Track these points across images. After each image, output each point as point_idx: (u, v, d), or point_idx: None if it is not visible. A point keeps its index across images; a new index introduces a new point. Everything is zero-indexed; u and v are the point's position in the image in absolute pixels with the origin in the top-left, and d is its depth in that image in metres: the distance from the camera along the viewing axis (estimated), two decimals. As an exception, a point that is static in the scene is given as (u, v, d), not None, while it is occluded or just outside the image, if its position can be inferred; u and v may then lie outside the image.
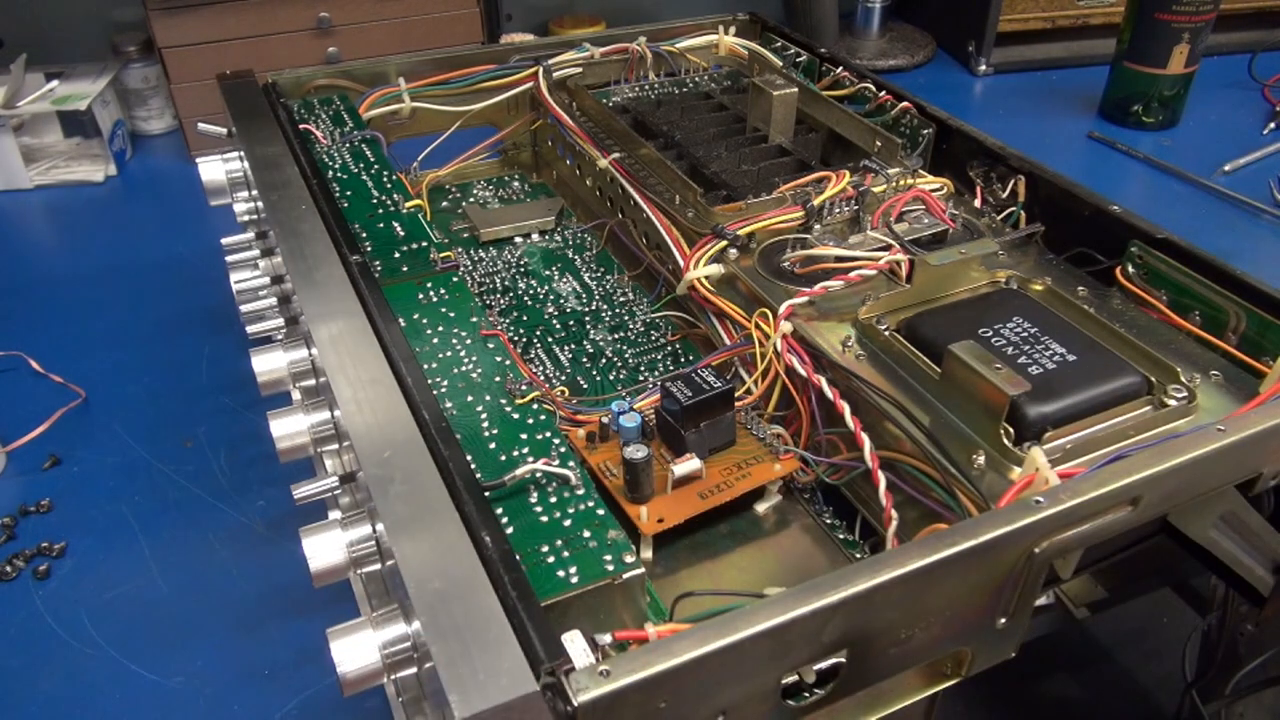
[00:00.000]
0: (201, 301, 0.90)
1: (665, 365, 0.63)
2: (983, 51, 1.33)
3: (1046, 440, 0.43)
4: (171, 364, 0.83)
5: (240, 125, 0.68)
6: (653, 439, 0.52)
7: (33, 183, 1.11)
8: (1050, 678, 0.59)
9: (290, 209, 0.58)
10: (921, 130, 0.69)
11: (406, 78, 0.78)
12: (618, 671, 0.31)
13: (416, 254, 0.58)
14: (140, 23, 1.16)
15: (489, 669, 0.31)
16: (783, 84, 0.70)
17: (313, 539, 0.40)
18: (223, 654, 0.59)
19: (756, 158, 0.68)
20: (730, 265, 0.57)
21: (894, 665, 0.40)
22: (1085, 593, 0.53)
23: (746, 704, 0.36)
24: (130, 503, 0.70)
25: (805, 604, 0.34)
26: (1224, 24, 1.24)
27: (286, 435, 0.47)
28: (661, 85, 0.82)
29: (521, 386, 0.48)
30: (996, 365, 0.43)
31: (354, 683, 0.35)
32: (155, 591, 0.63)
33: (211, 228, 0.86)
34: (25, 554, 0.65)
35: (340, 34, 1.14)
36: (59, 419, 0.76)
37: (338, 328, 0.48)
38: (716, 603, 0.45)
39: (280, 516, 0.68)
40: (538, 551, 0.40)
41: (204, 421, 0.76)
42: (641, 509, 0.48)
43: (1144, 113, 1.21)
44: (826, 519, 0.53)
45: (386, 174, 0.66)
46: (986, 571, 0.38)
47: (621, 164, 0.67)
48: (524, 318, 0.67)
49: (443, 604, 0.33)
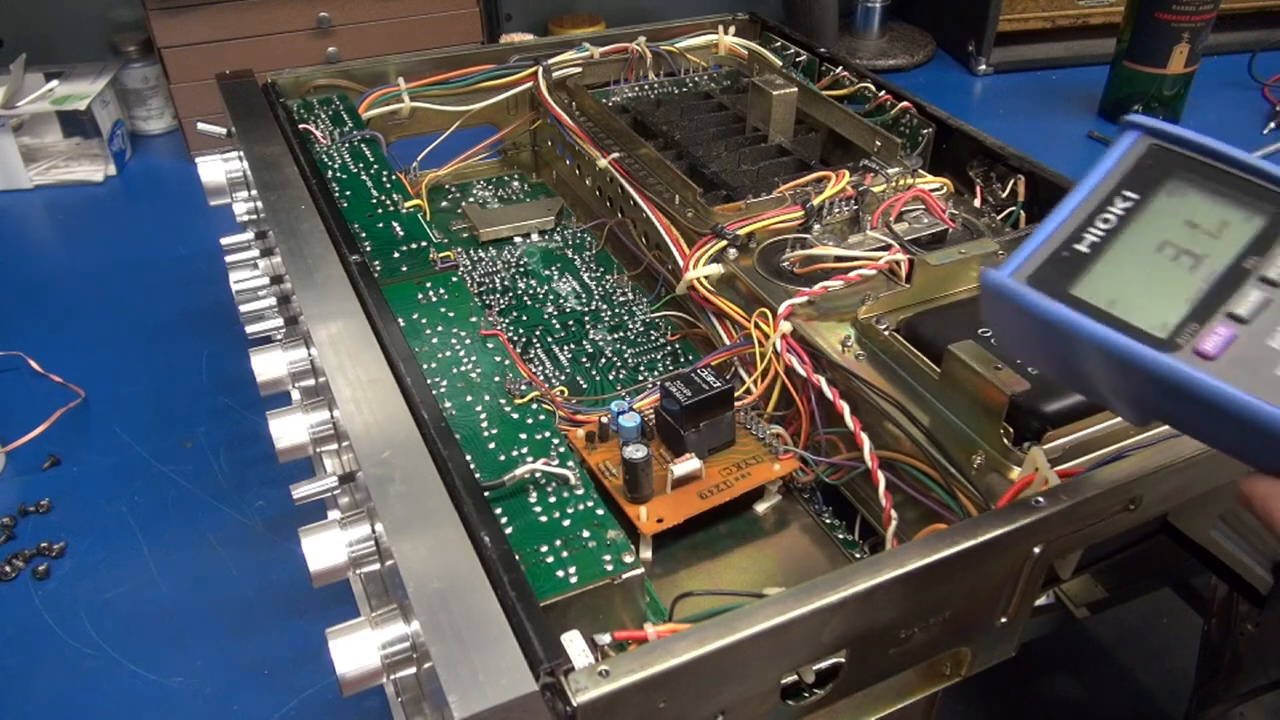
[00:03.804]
0: (201, 301, 0.90)
1: (665, 365, 0.63)
2: (983, 51, 1.33)
3: (1046, 440, 0.43)
4: (171, 364, 0.83)
5: (240, 125, 0.68)
6: (652, 439, 0.52)
7: (32, 183, 1.11)
8: (1050, 678, 0.59)
9: (290, 209, 0.58)
10: (921, 130, 0.69)
11: (406, 78, 0.78)
12: (617, 672, 0.31)
13: (416, 254, 0.58)
14: (140, 23, 1.16)
15: (488, 669, 0.31)
16: (783, 84, 0.70)
17: (312, 539, 0.40)
18: (223, 654, 0.59)
19: (756, 158, 0.68)
20: (730, 265, 0.57)
21: (894, 665, 0.40)
22: (1085, 593, 0.53)
23: (746, 704, 0.36)
24: (130, 503, 0.70)
25: (805, 604, 0.34)
26: (1224, 24, 1.24)
27: (286, 435, 0.47)
28: (661, 85, 0.82)
29: (521, 386, 0.48)
30: (996, 365, 0.43)
31: (353, 683, 0.35)
32: (155, 591, 0.63)
33: (211, 228, 0.85)
34: (25, 554, 0.65)
35: (340, 34, 1.14)
36: (58, 419, 0.76)
37: (337, 328, 0.48)
38: (716, 603, 0.45)
39: (280, 516, 0.68)
40: (537, 552, 0.40)
41: (204, 421, 0.76)
42: (641, 509, 0.48)
43: (1144, 112, 1.20)
44: (826, 519, 0.53)
45: (386, 174, 0.66)
46: (986, 571, 0.38)
47: (621, 164, 0.67)
48: (523, 318, 0.67)
49: (442, 604, 0.33)
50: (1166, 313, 0.33)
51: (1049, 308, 0.33)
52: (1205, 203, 0.35)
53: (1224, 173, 0.35)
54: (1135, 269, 0.34)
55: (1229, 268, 0.33)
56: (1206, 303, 0.33)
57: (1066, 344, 0.34)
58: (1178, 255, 0.34)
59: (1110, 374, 0.34)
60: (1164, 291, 0.33)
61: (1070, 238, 0.35)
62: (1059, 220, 0.36)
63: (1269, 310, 0.32)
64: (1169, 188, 0.36)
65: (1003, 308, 0.35)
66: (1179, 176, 0.36)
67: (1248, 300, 0.32)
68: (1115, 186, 0.36)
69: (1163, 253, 0.34)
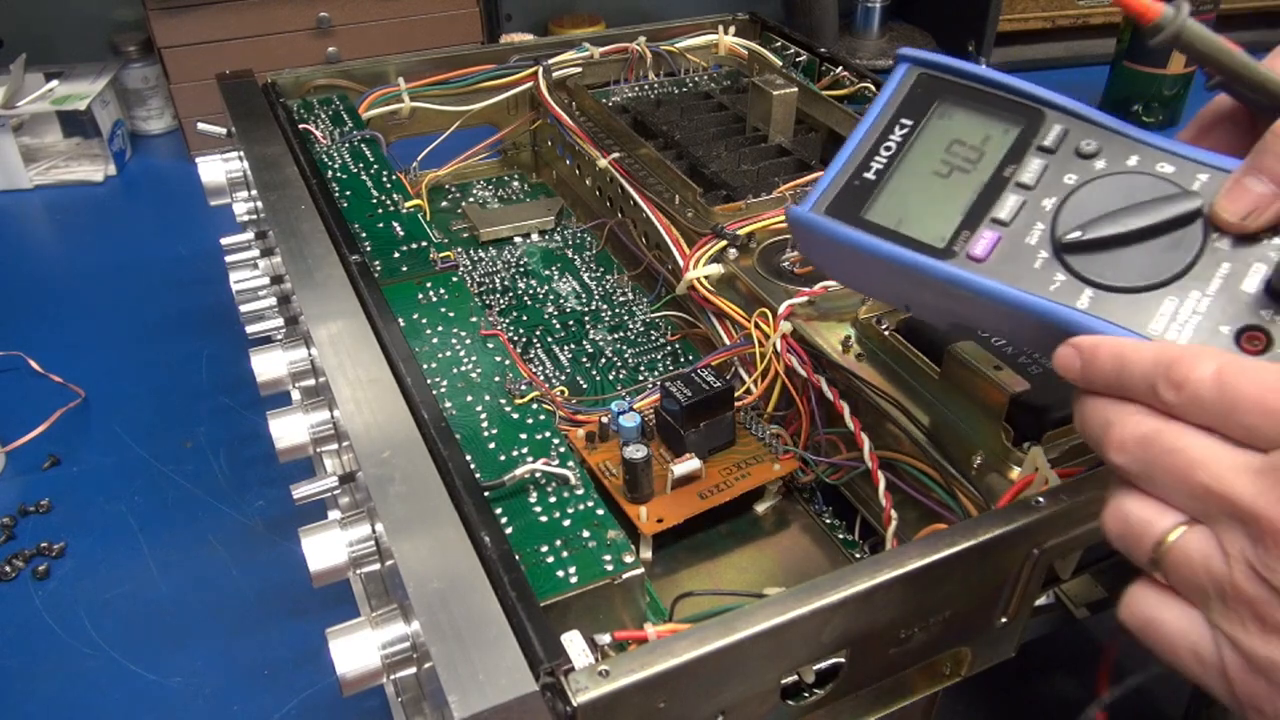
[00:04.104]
0: (201, 301, 0.90)
1: (665, 365, 0.63)
2: (983, 51, 1.33)
3: (1046, 440, 0.43)
4: (171, 364, 0.83)
5: (240, 125, 0.68)
6: (652, 439, 0.52)
7: (32, 183, 1.11)
8: (1050, 678, 0.59)
9: (290, 209, 0.58)
10: (921, 130, 0.69)
11: (406, 78, 0.78)
12: (617, 672, 0.31)
13: (416, 254, 0.58)
14: (140, 23, 1.16)
15: (488, 669, 0.31)
16: (783, 84, 0.70)
17: (312, 539, 0.40)
18: (223, 654, 0.59)
19: (756, 158, 0.68)
20: (730, 265, 0.57)
21: (894, 665, 0.40)
22: (1085, 593, 0.53)
23: (746, 704, 0.36)
24: (130, 503, 0.69)
25: (805, 604, 0.34)
26: (1224, 24, 1.24)
27: (286, 435, 0.47)
28: (661, 85, 0.82)
29: (521, 386, 0.48)
30: (996, 365, 0.43)
31: (353, 683, 0.35)
32: (155, 591, 0.63)
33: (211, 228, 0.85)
34: (25, 554, 0.65)
35: (340, 34, 1.14)
36: (59, 419, 0.76)
37: (337, 328, 0.48)
38: (716, 603, 0.45)
39: (280, 516, 0.68)
40: (537, 551, 0.40)
41: (204, 421, 0.76)
42: (641, 509, 0.48)
43: (1144, 112, 1.20)
44: (826, 519, 0.53)
45: (386, 174, 0.66)
46: (986, 571, 0.38)
47: (621, 164, 0.67)
48: (524, 318, 0.67)
49: (442, 604, 0.33)
50: (943, 225, 0.36)
51: (846, 233, 0.37)
52: (969, 121, 0.39)
53: (983, 92, 0.39)
54: (916, 188, 0.38)
55: (991, 177, 0.37)
56: (975, 211, 0.36)
57: (867, 263, 0.38)
58: (950, 171, 0.38)
59: (907, 285, 0.38)
60: (940, 205, 0.37)
61: (860, 167, 0.39)
62: (848, 152, 0.39)
63: (1025, 211, 0.36)
64: (939, 111, 0.39)
65: (809, 239, 0.39)
66: (946, 100, 0.39)
67: (1006, 205, 0.36)
68: (894, 116, 0.40)
69: (938, 171, 0.38)
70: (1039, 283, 0.34)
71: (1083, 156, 0.36)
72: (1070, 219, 0.35)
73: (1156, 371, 0.27)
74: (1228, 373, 0.26)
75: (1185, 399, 0.26)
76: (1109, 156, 0.36)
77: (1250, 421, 0.25)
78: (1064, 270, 0.34)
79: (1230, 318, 0.31)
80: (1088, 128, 0.37)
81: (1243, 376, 0.26)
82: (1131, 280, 0.33)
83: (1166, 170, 0.35)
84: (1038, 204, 0.36)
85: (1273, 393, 0.25)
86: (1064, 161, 0.36)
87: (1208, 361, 0.26)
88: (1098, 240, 0.34)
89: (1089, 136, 0.37)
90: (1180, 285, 0.32)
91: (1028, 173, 0.36)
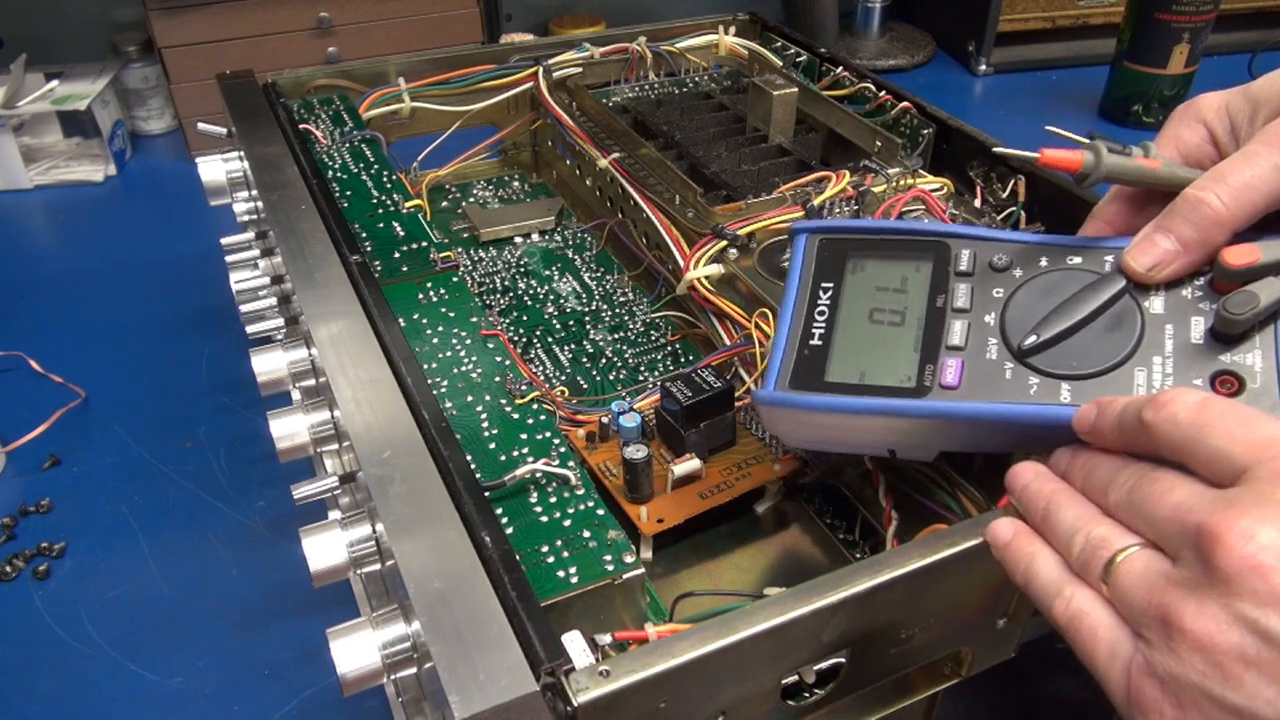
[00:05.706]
0: (201, 301, 0.90)
1: (665, 365, 0.63)
2: (983, 51, 1.33)
3: (1046, 440, 0.43)
4: (171, 364, 0.83)
5: (240, 125, 0.68)
6: (653, 439, 0.52)
7: (32, 183, 1.11)
8: (1050, 678, 0.59)
9: (290, 209, 0.58)
10: (921, 130, 0.69)
11: (406, 78, 0.78)
12: (618, 672, 0.31)
13: (416, 254, 0.58)
14: (140, 23, 1.16)
15: (489, 669, 0.31)
16: (783, 84, 0.70)
17: (312, 539, 0.40)
18: (223, 654, 0.59)
19: (756, 158, 0.68)
20: (730, 265, 0.57)
21: (894, 665, 0.40)
22: (1085, 593, 0.53)
23: (746, 704, 0.36)
24: (130, 503, 0.70)
25: (805, 604, 0.34)
26: (1224, 24, 1.24)
27: (286, 435, 0.47)
28: (661, 85, 0.82)
29: (521, 386, 0.48)
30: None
31: (354, 683, 0.35)
32: (155, 591, 0.63)
33: (211, 228, 0.85)
34: (25, 554, 0.65)
35: (340, 34, 1.14)
36: (59, 419, 0.76)
37: (337, 328, 0.48)
38: (716, 603, 0.45)
39: (280, 517, 0.68)
40: (537, 552, 0.40)
41: (204, 421, 0.76)
42: (641, 509, 0.48)
43: (1144, 113, 1.21)
44: (826, 519, 0.53)
45: (386, 174, 0.66)
46: (986, 571, 0.38)
47: (621, 164, 0.67)
48: (524, 318, 0.67)
49: (443, 604, 0.33)
50: (904, 365, 0.38)
51: (816, 401, 0.39)
52: (883, 268, 0.41)
53: (882, 241, 0.42)
54: (864, 340, 0.40)
55: (927, 311, 0.39)
56: (928, 345, 0.38)
57: (845, 423, 0.39)
58: (887, 315, 0.40)
59: (889, 432, 0.39)
60: (894, 349, 0.39)
61: (804, 336, 0.41)
62: (786, 327, 0.42)
63: (974, 332, 0.38)
64: (851, 267, 0.42)
65: (781, 416, 0.41)
66: (854, 255, 0.42)
67: (955, 331, 0.38)
68: (813, 284, 0.42)
69: (876, 319, 0.40)
70: (1018, 391, 0.36)
71: (998, 270, 0.39)
72: (1017, 327, 0.37)
73: (1145, 399, 0.31)
74: (1208, 402, 0.29)
75: (1164, 417, 0.30)
76: (1022, 264, 0.39)
77: (1216, 444, 0.28)
78: (1035, 374, 0.36)
79: (1197, 369, 0.34)
80: (991, 245, 0.40)
81: (1219, 406, 0.29)
82: (1098, 364, 0.35)
83: (1077, 261, 0.38)
84: (981, 322, 0.38)
85: (1241, 425, 0.28)
86: (985, 279, 0.39)
87: (1193, 394, 0.30)
88: (1052, 338, 0.36)
89: (996, 252, 0.39)
90: (1141, 355, 0.35)
91: (959, 298, 0.39)
